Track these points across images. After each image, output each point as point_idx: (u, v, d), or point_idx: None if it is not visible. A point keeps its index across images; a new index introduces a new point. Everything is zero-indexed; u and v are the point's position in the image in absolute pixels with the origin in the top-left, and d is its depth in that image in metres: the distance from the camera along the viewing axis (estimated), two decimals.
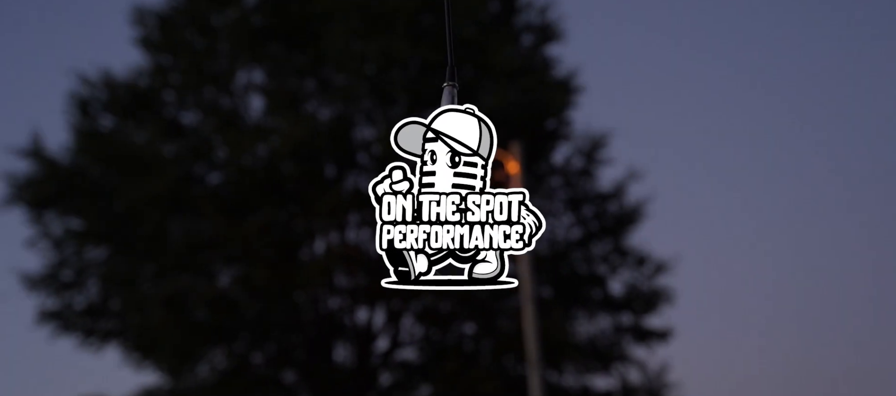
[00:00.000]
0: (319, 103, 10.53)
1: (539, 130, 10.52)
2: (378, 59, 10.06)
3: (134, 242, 10.10)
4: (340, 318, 10.32)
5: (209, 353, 10.09)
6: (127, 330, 10.08)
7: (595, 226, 10.73)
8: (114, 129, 10.53)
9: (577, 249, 10.72)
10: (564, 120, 10.77)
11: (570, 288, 10.50)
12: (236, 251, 9.72)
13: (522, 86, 10.27)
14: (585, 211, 10.80)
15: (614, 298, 10.50)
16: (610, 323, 10.53)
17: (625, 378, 10.35)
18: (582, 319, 10.53)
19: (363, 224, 10.42)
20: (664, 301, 10.35)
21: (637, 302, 10.42)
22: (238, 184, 9.90)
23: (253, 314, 10.02)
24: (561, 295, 10.43)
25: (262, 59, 10.56)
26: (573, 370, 10.30)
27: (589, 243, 10.73)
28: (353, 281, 10.21)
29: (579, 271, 10.64)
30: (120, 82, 10.41)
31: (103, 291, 10.28)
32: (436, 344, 10.42)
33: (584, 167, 10.84)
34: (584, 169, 10.84)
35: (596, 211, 10.76)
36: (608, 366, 10.35)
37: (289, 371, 10.28)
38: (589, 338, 10.40)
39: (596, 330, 10.50)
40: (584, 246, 10.73)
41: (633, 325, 10.49)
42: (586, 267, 10.67)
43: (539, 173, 10.69)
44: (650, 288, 10.43)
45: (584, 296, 10.51)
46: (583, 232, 10.78)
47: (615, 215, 10.65)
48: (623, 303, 10.46)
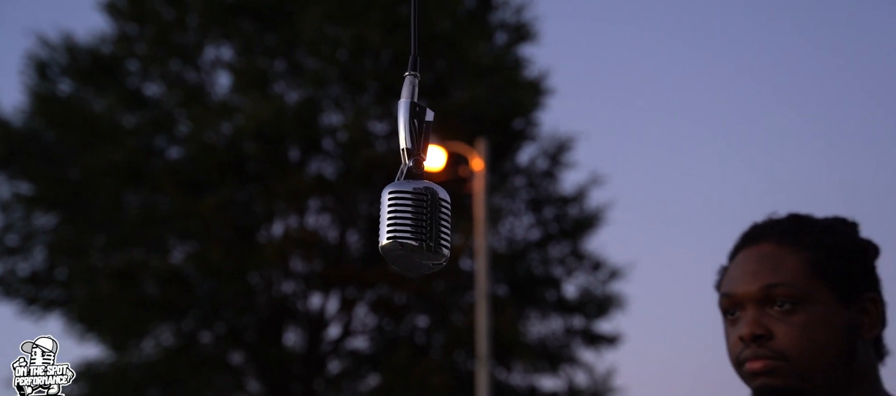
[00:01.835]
0: (288, 85, 10.43)
1: (506, 129, 10.57)
2: (351, 45, 10.00)
3: (86, 212, 9.89)
4: (293, 303, 10.26)
5: (156, 329, 9.94)
6: (72, 301, 9.88)
7: (554, 229, 10.84)
8: (72, 95, 10.27)
9: (535, 250, 10.82)
10: (532, 120, 10.85)
11: (526, 288, 10.60)
12: (192, 228, 9.58)
13: (493, 83, 10.32)
14: (546, 213, 10.90)
15: (568, 301, 10.63)
16: (561, 324, 10.66)
17: (572, 380, 10.50)
18: (534, 319, 10.64)
19: (323, 210, 10.36)
20: (616, 306, 10.52)
21: (589, 306, 10.57)
22: (199, 161, 9.75)
23: (205, 292, 9.89)
24: (516, 294, 10.52)
25: (233, 36, 10.41)
26: (522, 369, 10.41)
27: (547, 245, 10.84)
28: (309, 266, 10.15)
29: (536, 272, 10.74)
30: (82, 47, 10.16)
31: (50, 259, 10.05)
32: (388, 335, 10.42)
33: (548, 169, 10.94)
34: (547, 171, 10.94)
35: (556, 214, 10.87)
36: (556, 367, 10.48)
37: (237, 352, 10.18)
38: (540, 339, 10.51)
39: (547, 331, 10.62)
40: (542, 248, 10.84)
41: (583, 328, 10.64)
42: (543, 268, 10.78)
43: (503, 172, 10.75)
44: (603, 293, 10.58)
45: (538, 297, 10.62)
46: (542, 233, 10.88)
47: (575, 219, 10.77)
48: (576, 306, 10.60)
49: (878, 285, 1.00)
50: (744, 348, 0.95)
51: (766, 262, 0.97)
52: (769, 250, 0.98)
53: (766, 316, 0.95)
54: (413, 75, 0.82)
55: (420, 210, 0.72)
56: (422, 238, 0.72)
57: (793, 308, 0.94)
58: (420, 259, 0.73)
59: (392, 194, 0.73)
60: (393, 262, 0.74)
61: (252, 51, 10.37)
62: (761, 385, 0.93)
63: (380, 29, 9.77)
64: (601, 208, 10.75)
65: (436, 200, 0.73)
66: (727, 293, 0.98)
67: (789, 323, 0.93)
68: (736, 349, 0.96)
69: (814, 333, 0.93)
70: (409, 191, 0.72)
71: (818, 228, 1.00)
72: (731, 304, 0.98)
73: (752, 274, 0.97)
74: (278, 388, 9.90)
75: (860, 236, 1.02)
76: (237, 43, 10.45)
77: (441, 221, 0.73)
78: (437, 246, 0.72)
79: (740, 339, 0.95)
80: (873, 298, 0.97)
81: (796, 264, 0.96)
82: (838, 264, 0.96)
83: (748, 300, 0.96)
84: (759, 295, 0.95)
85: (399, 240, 0.71)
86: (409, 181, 0.73)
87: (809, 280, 0.95)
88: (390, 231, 0.72)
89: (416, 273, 0.75)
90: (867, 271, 0.99)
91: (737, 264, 1.00)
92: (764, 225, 1.02)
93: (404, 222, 0.72)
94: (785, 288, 0.94)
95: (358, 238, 10.43)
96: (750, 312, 0.95)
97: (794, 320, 0.93)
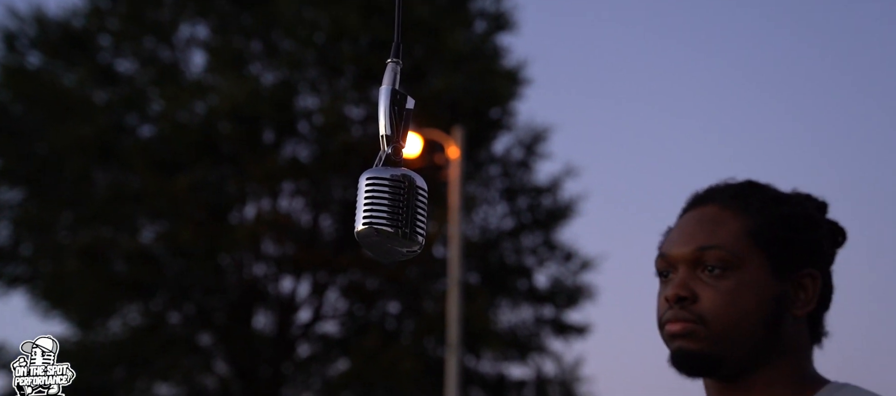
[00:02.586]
0: (264, 67, 10.33)
1: (483, 118, 10.59)
2: (328, 28, 9.92)
3: (53, 187, 9.72)
4: (264, 285, 10.20)
5: (124, 309, 9.84)
6: (37, 277, 9.73)
7: (527, 218, 10.91)
8: (41, 68, 10.07)
9: (508, 239, 10.88)
10: (509, 110, 10.88)
11: (497, 277, 10.66)
12: (163, 207, 9.47)
13: (470, 72, 10.31)
14: (520, 203, 10.96)
15: (538, 290, 10.72)
16: (531, 314, 10.75)
17: (540, 368, 10.61)
18: (505, 308, 10.71)
19: (297, 193, 10.30)
20: (586, 297, 10.63)
21: (560, 296, 10.67)
22: (171, 140, 9.63)
23: (174, 272, 9.80)
24: (487, 282, 10.58)
25: (208, 14, 10.27)
26: (491, 357, 10.49)
27: (520, 234, 10.90)
28: (281, 249, 10.10)
29: (508, 261, 10.80)
30: (52, 20, 9.96)
31: (15, 234, 9.88)
32: (358, 320, 10.43)
33: (523, 159, 10.99)
34: (522, 160, 10.99)
35: (530, 204, 10.93)
36: (525, 356, 10.58)
37: (206, 333, 10.12)
38: (510, 327, 10.59)
39: (517, 320, 10.71)
40: (515, 237, 10.90)
41: (553, 318, 10.74)
42: (515, 257, 10.85)
43: (479, 160, 10.78)
44: (574, 284, 10.68)
45: (509, 286, 10.69)
46: (515, 222, 10.94)
47: (548, 209, 10.84)
48: (546, 296, 10.69)
49: (824, 264, 0.94)
50: (667, 309, 0.91)
51: (705, 224, 0.93)
52: (712, 212, 0.94)
53: (696, 279, 0.90)
54: (395, 62, 0.83)
55: (397, 197, 0.73)
56: (397, 224, 0.72)
57: (723, 273, 0.89)
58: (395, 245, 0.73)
59: (369, 180, 0.73)
60: (368, 248, 0.74)
61: (228, 30, 10.25)
62: (677, 349, 0.90)
63: (358, 13, 9.71)
64: (574, 199, 10.85)
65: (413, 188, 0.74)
66: (662, 254, 0.94)
67: (717, 287, 0.89)
68: (661, 310, 0.92)
69: (739, 299, 0.88)
70: (386, 178, 0.73)
71: (769, 196, 0.95)
72: (665, 265, 0.94)
73: (689, 236, 0.93)
74: (247, 371, 9.86)
75: (819, 213, 0.97)
76: (213, 21, 10.32)
77: (417, 209, 0.74)
78: (412, 233, 0.73)
79: (665, 300, 0.91)
80: (812, 274, 0.92)
81: (735, 228, 0.91)
82: (779, 233, 0.91)
83: (681, 261, 0.92)
84: (691, 257, 0.91)
85: (375, 226, 0.72)
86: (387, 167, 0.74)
87: (745, 246, 0.90)
88: (367, 216, 0.72)
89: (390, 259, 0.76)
90: (813, 246, 0.93)
91: (677, 225, 0.96)
92: (714, 187, 0.97)
93: (381, 208, 0.72)
94: (717, 250, 0.90)
95: (331, 222, 10.40)
96: (680, 274, 0.91)
97: (722, 285, 0.89)
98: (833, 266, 0.97)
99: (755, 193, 0.95)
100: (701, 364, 0.90)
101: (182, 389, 10.14)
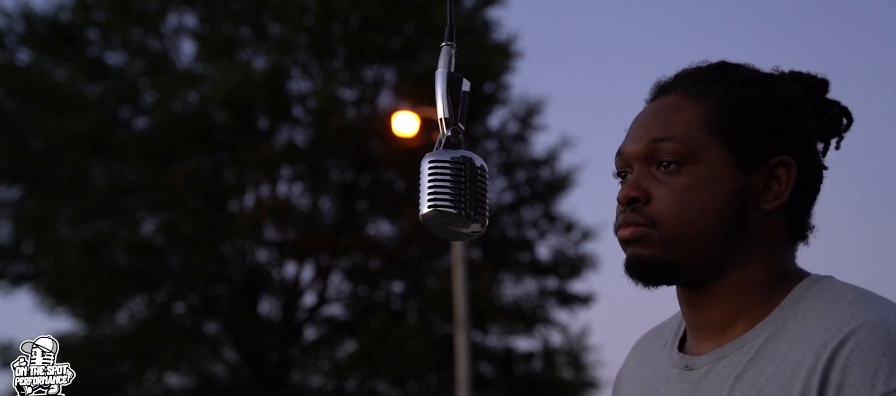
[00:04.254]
0: (254, 52, 10.26)
1: (476, 93, 10.56)
2: (318, 11, 9.84)
3: (50, 183, 9.69)
4: (267, 272, 10.23)
5: (129, 301, 9.85)
6: (40, 275, 9.73)
7: (526, 192, 10.93)
8: (31, 64, 9.99)
9: (508, 213, 10.90)
10: (502, 84, 10.85)
11: (499, 252, 10.70)
12: (161, 198, 9.45)
13: (461, 47, 10.25)
14: (518, 176, 10.97)
15: (541, 262, 10.77)
16: (535, 286, 10.81)
17: (547, 340, 10.69)
18: (508, 282, 10.77)
19: (295, 178, 10.29)
20: (588, 266, 10.69)
21: (563, 267, 10.72)
22: (166, 130, 9.58)
23: (177, 263, 9.81)
24: (489, 257, 10.62)
25: (196, 2, 10.18)
26: (497, 331, 10.55)
27: (520, 208, 10.92)
28: (282, 235, 10.11)
29: (509, 235, 10.83)
30: (39, 15, 9.86)
31: (15, 232, 9.86)
32: (363, 301, 10.47)
33: (519, 132, 10.98)
34: (518, 134, 10.99)
35: (528, 177, 10.95)
36: (531, 329, 10.65)
37: (212, 322, 10.15)
38: (514, 301, 10.65)
39: (521, 293, 10.77)
40: (515, 211, 10.93)
41: (557, 289, 10.80)
42: (516, 231, 10.88)
43: (474, 136, 10.76)
44: (576, 254, 10.74)
45: (511, 260, 10.74)
46: (514, 196, 10.96)
47: (546, 181, 10.86)
48: (549, 268, 10.74)
49: (802, 150, 0.81)
50: (620, 213, 0.81)
51: (660, 115, 0.81)
52: (671, 101, 0.82)
53: (649, 176, 0.80)
54: (450, 45, 0.84)
55: (459, 179, 0.75)
56: (461, 206, 0.74)
57: (678, 167, 0.78)
58: (459, 226, 0.75)
59: (431, 163, 0.75)
60: (433, 230, 0.76)
61: (216, 17, 10.16)
62: (629, 256, 0.80)
63: None
64: (572, 170, 10.86)
65: (473, 169, 0.76)
66: (618, 152, 0.83)
67: (670, 185, 0.78)
68: (615, 215, 0.82)
69: (693, 196, 0.77)
70: (447, 160, 0.75)
71: (738, 78, 0.82)
72: (622, 165, 0.83)
73: (643, 129, 0.81)
74: (254, 357, 9.91)
75: (803, 94, 0.83)
76: (200, 9, 10.22)
77: (479, 189, 0.76)
78: (475, 213, 0.75)
79: (618, 202, 0.81)
80: (785, 162, 0.79)
81: (691, 117, 0.79)
82: (743, 119, 0.79)
83: (635, 159, 0.81)
84: (644, 152, 0.80)
85: (439, 209, 0.74)
86: (448, 150, 0.76)
87: (703, 135, 0.79)
88: (431, 199, 0.74)
89: (455, 239, 0.77)
90: (784, 131, 0.80)
91: (635, 119, 0.84)
92: (679, 72, 0.85)
93: (443, 191, 0.74)
94: (671, 143, 0.79)
95: (331, 205, 10.40)
96: (635, 172, 0.81)
97: (677, 182, 0.78)
98: (830, 152, 0.85)
99: (721, 76, 0.82)
100: (655, 272, 0.79)
101: (191, 378, 10.20)
